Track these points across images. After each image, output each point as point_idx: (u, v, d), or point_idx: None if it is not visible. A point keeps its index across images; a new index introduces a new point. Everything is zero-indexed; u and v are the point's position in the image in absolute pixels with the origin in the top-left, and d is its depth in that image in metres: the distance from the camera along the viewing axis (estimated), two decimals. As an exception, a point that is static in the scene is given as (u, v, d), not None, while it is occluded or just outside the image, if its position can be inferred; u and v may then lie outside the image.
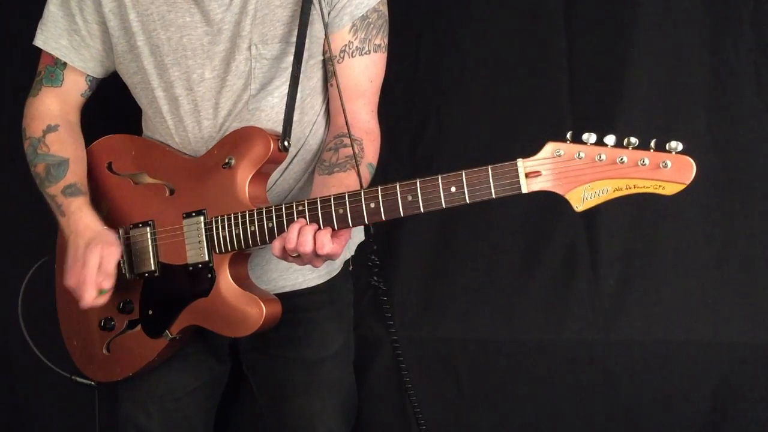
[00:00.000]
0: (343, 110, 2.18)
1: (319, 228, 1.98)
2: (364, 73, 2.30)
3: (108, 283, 2.19)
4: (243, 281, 2.19)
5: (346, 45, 2.26)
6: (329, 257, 2.01)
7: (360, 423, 2.71)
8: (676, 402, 2.80)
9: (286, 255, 2.03)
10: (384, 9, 2.30)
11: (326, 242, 1.96)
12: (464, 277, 2.93)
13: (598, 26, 2.82)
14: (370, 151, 2.27)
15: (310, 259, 2.01)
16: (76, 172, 2.30)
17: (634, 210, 2.79)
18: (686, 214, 2.76)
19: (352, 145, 2.16)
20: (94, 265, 2.17)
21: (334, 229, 1.98)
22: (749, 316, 2.73)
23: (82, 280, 2.18)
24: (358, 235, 2.59)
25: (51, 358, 2.56)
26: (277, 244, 2.02)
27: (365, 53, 2.28)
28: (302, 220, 2.00)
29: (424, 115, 2.96)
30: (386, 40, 2.32)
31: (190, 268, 2.20)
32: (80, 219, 2.24)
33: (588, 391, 2.85)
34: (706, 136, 2.71)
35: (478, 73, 2.91)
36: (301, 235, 1.97)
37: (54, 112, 2.37)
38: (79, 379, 2.48)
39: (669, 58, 2.76)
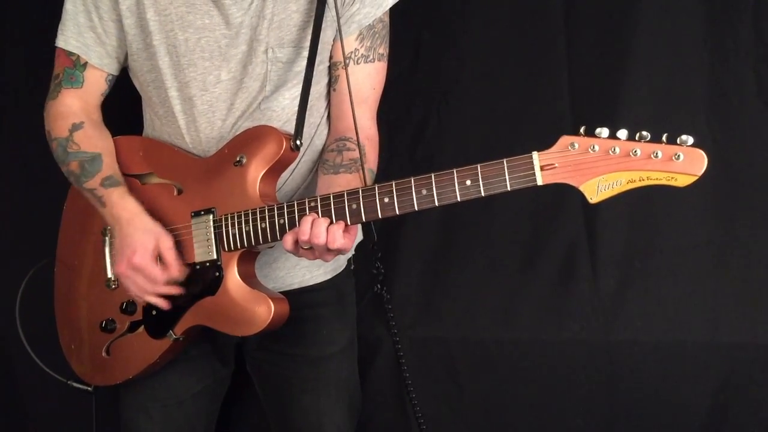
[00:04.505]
0: (353, 113, 2.20)
1: (332, 222, 1.98)
2: (367, 80, 2.31)
3: (182, 273, 2.20)
4: (251, 280, 2.18)
5: (351, 52, 2.28)
6: (340, 251, 2.01)
7: (360, 422, 2.70)
8: (676, 402, 2.81)
9: (297, 248, 2.03)
10: (387, 19, 2.33)
11: (338, 236, 1.97)
12: (464, 277, 2.94)
13: (598, 26, 2.83)
14: (371, 157, 2.28)
15: (321, 252, 2.01)
16: (111, 165, 2.29)
17: (634, 210, 2.80)
18: (686, 214, 2.78)
19: (358, 143, 2.19)
20: (146, 250, 2.16)
21: (346, 224, 1.99)
22: (749, 316, 2.75)
23: (136, 266, 2.17)
24: (358, 234, 2.59)
25: (49, 361, 2.54)
26: (289, 238, 2.02)
27: (369, 61, 2.30)
28: (314, 213, 2.00)
29: (424, 115, 2.96)
30: (388, 50, 2.34)
31: (197, 266, 2.20)
32: (125, 207, 2.23)
33: (588, 391, 2.86)
34: (706, 136, 2.72)
35: (478, 73, 2.91)
36: (315, 227, 1.97)
37: (76, 110, 2.35)
38: (76, 384, 2.46)
39: (669, 58, 2.77)
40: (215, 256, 2.16)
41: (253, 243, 2.10)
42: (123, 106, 2.45)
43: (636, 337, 2.81)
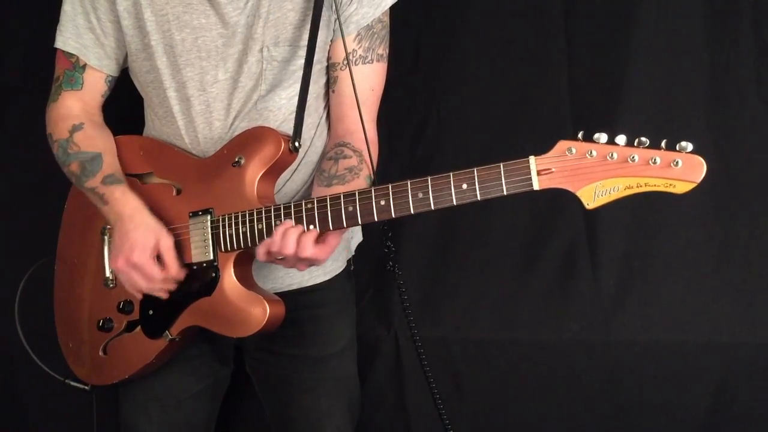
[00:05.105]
0: (360, 115, 2.20)
1: (305, 231, 1.98)
2: (366, 81, 2.29)
3: (181, 273, 2.19)
4: (247, 281, 2.18)
5: (350, 53, 2.26)
6: (312, 262, 2.00)
7: (360, 422, 2.69)
8: (676, 402, 2.81)
9: (271, 258, 2.03)
10: (387, 20, 2.31)
11: (308, 246, 1.96)
12: (464, 277, 2.94)
13: (598, 26, 2.83)
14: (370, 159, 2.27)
15: (293, 262, 2.01)
16: (112, 164, 2.29)
17: (634, 211, 2.80)
18: (686, 215, 2.77)
19: (367, 145, 2.19)
20: (146, 248, 2.15)
21: (331, 229, 1.98)
22: (749, 316, 2.75)
23: (134, 264, 2.16)
24: (357, 235, 2.58)
25: (48, 360, 2.53)
26: (261, 250, 2.03)
27: (368, 62, 2.28)
28: (289, 221, 2.00)
29: (424, 115, 2.96)
30: (387, 51, 2.32)
31: (194, 267, 2.19)
32: (126, 203, 2.22)
33: (588, 391, 2.86)
34: (706, 136, 2.71)
35: (478, 73, 2.91)
36: (285, 237, 1.97)
37: (76, 112, 2.36)
38: (73, 383, 2.46)
39: (669, 58, 2.77)
40: (212, 257, 2.16)
41: (250, 244, 2.09)
42: (124, 106, 2.45)
43: (636, 337, 2.81)
